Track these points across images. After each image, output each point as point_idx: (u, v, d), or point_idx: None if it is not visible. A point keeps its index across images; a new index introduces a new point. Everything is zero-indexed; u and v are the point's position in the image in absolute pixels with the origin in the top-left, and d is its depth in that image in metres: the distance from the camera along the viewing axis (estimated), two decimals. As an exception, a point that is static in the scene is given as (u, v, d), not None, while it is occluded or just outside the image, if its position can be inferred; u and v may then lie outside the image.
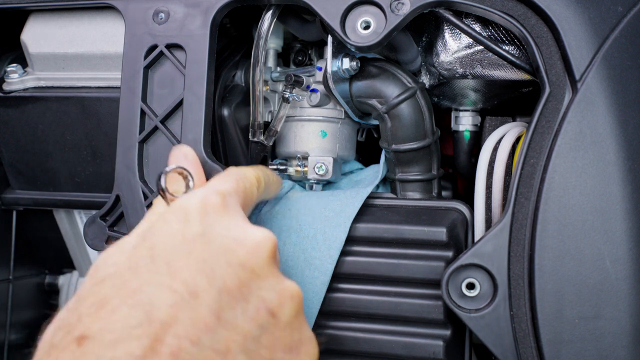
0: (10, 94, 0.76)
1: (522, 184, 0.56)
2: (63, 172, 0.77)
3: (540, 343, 0.53)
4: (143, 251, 0.40)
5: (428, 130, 0.68)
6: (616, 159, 0.53)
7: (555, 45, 0.56)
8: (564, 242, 0.53)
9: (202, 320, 0.36)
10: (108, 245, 0.65)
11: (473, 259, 0.56)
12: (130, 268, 0.39)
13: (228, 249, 0.41)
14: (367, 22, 0.60)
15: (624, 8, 0.55)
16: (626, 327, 0.52)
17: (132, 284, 0.37)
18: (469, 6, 0.58)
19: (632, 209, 0.53)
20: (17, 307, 0.90)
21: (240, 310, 0.39)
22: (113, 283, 0.38)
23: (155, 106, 0.65)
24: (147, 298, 0.36)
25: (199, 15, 0.63)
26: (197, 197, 0.45)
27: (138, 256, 0.40)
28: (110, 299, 0.37)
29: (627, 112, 0.54)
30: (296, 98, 0.71)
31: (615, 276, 0.52)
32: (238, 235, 0.43)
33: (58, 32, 0.72)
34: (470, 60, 0.65)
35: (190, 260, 0.39)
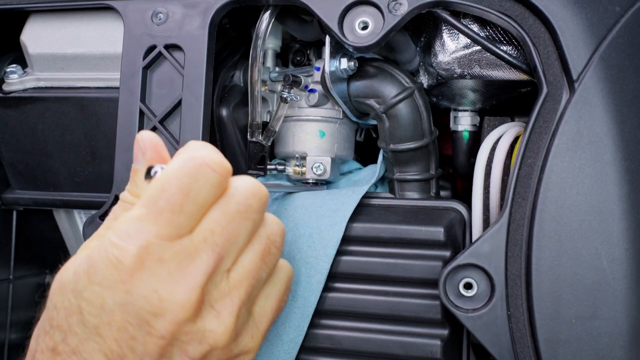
0: (9, 94, 0.76)
1: (520, 184, 0.56)
2: (63, 172, 0.78)
3: (538, 343, 0.54)
4: (74, 308, 0.42)
5: (426, 130, 0.68)
6: (613, 159, 0.53)
7: (552, 46, 0.56)
8: (561, 242, 0.54)
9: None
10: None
11: (470, 258, 0.56)
12: (67, 322, 0.42)
13: (146, 322, 0.41)
14: (365, 22, 0.60)
15: (621, 8, 0.55)
16: (623, 327, 0.52)
17: (71, 341, 0.41)
18: (466, 6, 0.58)
19: (629, 209, 0.53)
20: (17, 306, 0.90)
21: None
22: (58, 334, 0.42)
23: (154, 106, 0.65)
24: (87, 358, 0.41)
25: (198, 16, 0.64)
26: (120, 255, 0.41)
27: (71, 311, 0.42)
28: (60, 352, 0.41)
29: (625, 112, 0.54)
30: (294, 98, 0.71)
31: (613, 276, 0.53)
32: (155, 304, 0.41)
33: (57, 33, 0.72)
34: (469, 61, 0.65)
35: (113, 330, 0.41)
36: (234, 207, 0.44)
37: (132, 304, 0.41)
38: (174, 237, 0.41)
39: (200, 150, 0.43)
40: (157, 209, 0.41)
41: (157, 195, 0.41)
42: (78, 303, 0.41)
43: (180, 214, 0.41)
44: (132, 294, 0.40)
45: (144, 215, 0.41)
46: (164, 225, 0.41)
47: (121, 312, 0.41)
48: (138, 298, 0.41)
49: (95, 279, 0.41)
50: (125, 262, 0.40)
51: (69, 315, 0.42)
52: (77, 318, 0.41)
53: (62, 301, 0.42)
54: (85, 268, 0.42)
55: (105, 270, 0.41)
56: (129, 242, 0.40)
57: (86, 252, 0.44)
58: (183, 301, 0.41)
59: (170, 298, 0.41)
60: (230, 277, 0.44)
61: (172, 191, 0.41)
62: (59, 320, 0.42)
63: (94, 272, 0.41)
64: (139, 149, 0.47)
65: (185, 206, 0.41)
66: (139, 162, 0.47)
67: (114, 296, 0.41)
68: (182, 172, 0.42)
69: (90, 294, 0.41)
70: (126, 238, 0.41)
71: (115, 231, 0.41)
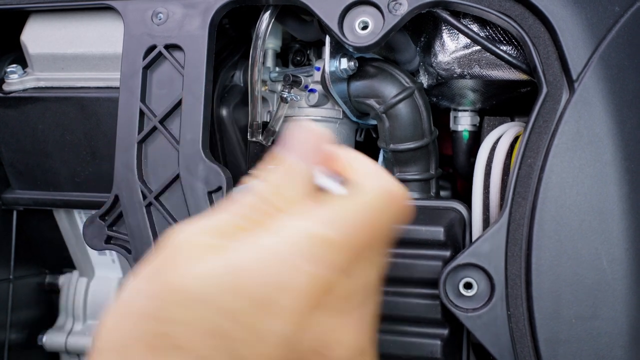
0: (10, 94, 0.76)
1: (520, 183, 0.56)
2: (63, 172, 0.78)
3: (537, 343, 0.54)
4: (215, 328, 0.32)
5: (426, 130, 0.68)
6: (613, 159, 0.53)
7: (552, 46, 0.56)
8: (561, 241, 0.54)
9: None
10: (108, 245, 0.65)
11: (470, 258, 0.56)
12: (200, 343, 0.31)
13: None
14: (365, 22, 0.60)
15: (621, 8, 0.55)
16: (623, 327, 0.52)
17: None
18: (466, 6, 0.58)
19: (629, 209, 0.53)
20: (17, 306, 0.90)
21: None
22: (178, 356, 0.32)
23: (154, 106, 0.65)
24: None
25: (198, 16, 0.64)
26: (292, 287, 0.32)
27: (209, 332, 0.32)
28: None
29: (624, 112, 0.54)
30: (294, 98, 0.71)
31: (612, 276, 0.53)
32: (326, 346, 0.34)
33: (57, 33, 0.72)
34: (468, 61, 0.65)
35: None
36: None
37: (301, 342, 0.33)
38: (350, 274, 0.35)
39: (395, 185, 0.37)
40: (353, 242, 0.34)
41: (358, 226, 0.34)
42: (223, 324, 0.31)
43: (363, 250, 0.35)
44: (305, 330, 0.33)
45: (336, 242, 0.33)
46: (350, 260, 0.34)
47: (285, 347, 0.32)
48: (310, 337, 0.33)
49: (257, 300, 0.32)
50: (298, 290, 0.32)
51: (205, 336, 0.31)
52: (218, 343, 0.32)
53: (194, 317, 0.32)
54: (239, 283, 0.32)
55: (275, 294, 0.32)
56: (320, 267, 0.33)
57: (231, 261, 0.33)
58: (354, 347, 0.34)
59: (345, 342, 0.34)
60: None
61: (372, 229, 0.35)
62: (180, 338, 0.31)
63: (257, 290, 0.32)
64: (312, 143, 0.37)
65: (373, 243, 0.35)
66: (303, 157, 0.37)
67: (283, 328, 0.32)
68: (385, 209, 0.36)
69: (246, 317, 0.31)
70: (315, 262, 0.33)
71: (300, 249, 0.33)
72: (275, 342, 0.32)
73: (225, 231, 0.34)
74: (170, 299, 0.32)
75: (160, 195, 0.64)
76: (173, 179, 0.64)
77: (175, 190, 0.64)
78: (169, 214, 0.64)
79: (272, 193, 0.36)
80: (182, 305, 0.31)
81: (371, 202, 0.35)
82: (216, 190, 0.62)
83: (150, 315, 0.32)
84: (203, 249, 0.33)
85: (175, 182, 0.64)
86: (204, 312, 0.31)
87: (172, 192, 0.64)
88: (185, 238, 0.34)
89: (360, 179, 0.35)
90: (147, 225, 0.64)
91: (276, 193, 0.36)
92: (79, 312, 0.94)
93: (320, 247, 0.33)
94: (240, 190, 0.35)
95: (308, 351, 0.33)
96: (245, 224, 0.35)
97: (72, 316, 0.94)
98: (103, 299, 0.93)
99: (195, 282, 0.32)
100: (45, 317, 0.96)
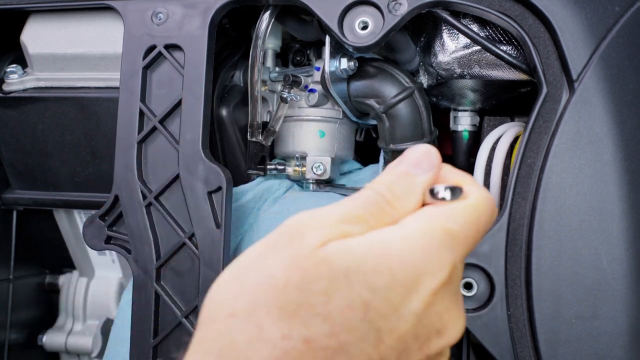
0: (10, 94, 0.76)
1: (520, 183, 0.56)
2: (62, 172, 0.78)
3: (538, 343, 0.54)
4: (358, 301, 0.35)
5: (426, 130, 0.68)
6: (613, 159, 0.53)
7: (552, 46, 0.56)
8: (561, 242, 0.54)
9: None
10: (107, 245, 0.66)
11: (470, 258, 0.56)
12: (342, 315, 0.34)
13: (426, 340, 0.37)
14: (364, 22, 0.60)
15: (621, 8, 0.55)
16: (623, 326, 0.52)
17: (343, 337, 0.34)
18: (466, 6, 0.58)
19: (629, 208, 0.53)
20: (17, 306, 0.90)
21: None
22: (320, 323, 0.34)
23: (154, 106, 0.65)
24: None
25: (198, 16, 0.64)
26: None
27: (353, 305, 0.35)
28: (322, 346, 0.34)
29: (624, 112, 0.54)
30: (294, 98, 0.71)
31: (612, 276, 0.53)
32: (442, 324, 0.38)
33: (57, 33, 0.72)
34: (468, 61, 0.65)
35: (392, 338, 0.36)
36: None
37: (428, 320, 0.37)
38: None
39: (489, 193, 0.42)
40: (471, 237, 0.39)
41: (474, 224, 0.40)
42: (366, 297, 0.34)
43: (474, 244, 0.40)
44: (432, 310, 0.37)
45: (462, 236, 0.38)
46: (468, 252, 0.39)
47: (416, 324, 0.36)
48: (434, 317, 0.37)
49: (400, 278, 0.35)
50: (440, 274, 0.37)
51: (346, 307, 0.34)
52: (358, 314, 0.34)
53: (338, 289, 0.34)
54: (383, 262, 0.36)
55: (417, 275, 0.36)
56: (454, 256, 0.37)
57: (374, 242, 0.36)
58: (461, 327, 0.38)
59: (456, 323, 0.38)
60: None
61: (482, 226, 0.40)
62: (322, 308, 0.34)
63: (401, 270, 0.36)
64: (429, 158, 0.42)
65: (479, 239, 0.41)
66: (422, 169, 0.41)
67: (418, 307, 0.36)
68: (489, 212, 0.41)
69: (387, 293, 0.35)
70: (451, 252, 0.37)
71: (439, 240, 0.37)
72: (409, 319, 0.36)
73: (348, 219, 0.38)
74: (315, 271, 0.34)
75: (160, 195, 0.64)
76: (173, 179, 0.64)
77: (175, 190, 0.64)
78: (168, 214, 0.64)
79: (389, 193, 0.40)
80: (326, 278, 0.34)
81: (480, 206, 0.40)
82: (216, 190, 0.62)
83: (292, 285, 0.34)
84: (335, 230, 0.37)
85: (175, 182, 0.64)
86: (348, 285, 0.34)
87: (172, 192, 0.64)
88: (313, 218, 0.37)
89: (467, 188, 0.41)
90: (147, 225, 0.64)
91: (392, 195, 0.40)
92: (79, 312, 0.94)
93: (453, 239, 0.38)
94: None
95: (432, 329, 0.37)
96: (365, 215, 0.38)
97: (72, 316, 0.94)
98: (103, 299, 0.93)
99: (340, 257, 0.35)
100: (45, 317, 0.96)
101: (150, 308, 0.64)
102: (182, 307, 0.63)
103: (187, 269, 0.63)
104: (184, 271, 0.64)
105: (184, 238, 0.63)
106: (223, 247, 0.62)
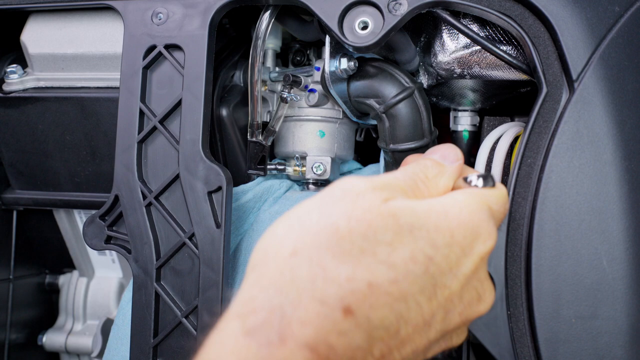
0: (10, 94, 0.76)
1: (520, 183, 0.56)
2: (63, 172, 0.78)
3: (537, 343, 0.54)
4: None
5: (426, 130, 0.68)
6: (613, 158, 0.53)
7: (552, 46, 0.56)
8: (561, 241, 0.54)
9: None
10: (107, 245, 0.66)
11: (470, 258, 0.56)
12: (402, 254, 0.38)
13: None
14: (364, 22, 0.60)
15: (621, 8, 0.55)
16: (623, 326, 0.52)
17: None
18: (466, 6, 0.58)
19: (629, 208, 0.53)
20: (17, 306, 0.90)
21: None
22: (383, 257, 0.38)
23: (154, 106, 0.65)
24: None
25: (198, 16, 0.64)
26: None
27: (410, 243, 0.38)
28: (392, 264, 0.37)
29: (624, 112, 0.54)
30: (294, 98, 0.71)
31: (612, 276, 0.53)
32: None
33: (57, 33, 0.73)
34: (468, 61, 0.65)
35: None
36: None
37: (473, 283, 0.41)
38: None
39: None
40: (499, 218, 0.45)
41: (503, 208, 0.45)
42: (429, 252, 0.38)
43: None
44: (477, 275, 0.41)
45: (496, 213, 0.44)
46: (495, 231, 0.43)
47: (465, 284, 0.40)
48: (476, 282, 0.41)
49: (458, 239, 0.39)
50: (489, 242, 0.41)
51: (409, 258, 0.37)
52: (418, 267, 0.37)
53: (402, 242, 0.37)
54: (444, 223, 0.39)
55: (473, 239, 0.40)
56: (496, 228, 0.42)
57: (434, 205, 0.40)
58: (493, 297, 0.43)
59: (490, 292, 0.43)
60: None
61: (503, 215, 0.46)
62: (386, 256, 0.36)
63: (459, 232, 0.39)
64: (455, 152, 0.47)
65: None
66: (450, 160, 0.46)
67: (470, 267, 0.39)
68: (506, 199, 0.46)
69: (447, 250, 0.38)
70: (494, 223, 0.43)
71: (486, 212, 0.42)
72: (461, 279, 0.38)
73: (393, 187, 0.40)
74: (382, 222, 0.37)
75: (160, 195, 0.65)
76: (173, 179, 0.64)
77: (175, 190, 0.64)
78: (168, 213, 0.64)
79: (423, 173, 0.44)
80: (392, 230, 0.37)
81: (506, 196, 0.46)
82: (216, 190, 0.62)
83: (357, 233, 0.36)
84: (386, 193, 0.39)
85: (175, 182, 0.64)
86: (413, 239, 0.37)
87: (172, 192, 0.64)
88: (363, 181, 0.39)
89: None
90: (147, 225, 0.64)
91: (426, 175, 0.44)
92: (79, 312, 0.94)
93: (493, 214, 0.42)
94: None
95: (474, 294, 0.40)
96: (405, 187, 0.42)
97: (72, 316, 0.94)
98: (103, 299, 0.93)
99: (405, 213, 0.38)
100: (45, 317, 0.96)
101: (150, 308, 0.64)
102: (182, 307, 0.63)
103: (187, 269, 0.63)
104: (184, 271, 0.64)
105: (184, 238, 0.63)
106: (223, 247, 0.62)
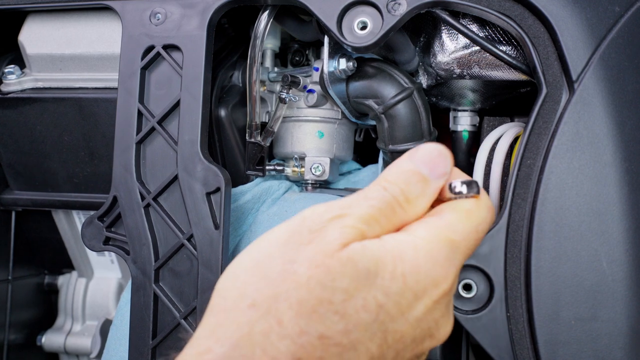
0: (8, 95, 0.76)
1: (519, 184, 0.56)
2: (61, 173, 0.77)
3: (537, 344, 0.53)
4: (371, 301, 0.37)
5: (425, 130, 0.68)
6: (613, 160, 0.53)
7: (552, 46, 0.56)
8: (561, 243, 0.53)
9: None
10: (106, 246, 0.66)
11: (470, 260, 0.56)
12: (354, 309, 0.36)
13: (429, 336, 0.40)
14: (363, 22, 0.59)
15: (621, 8, 0.55)
16: (622, 328, 0.52)
17: (350, 328, 0.36)
18: (466, 6, 0.58)
19: (628, 210, 0.53)
20: (16, 307, 0.90)
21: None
22: (337, 320, 0.36)
23: (152, 107, 0.65)
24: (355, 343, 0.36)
25: (196, 16, 0.63)
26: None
27: (364, 304, 0.37)
28: (334, 340, 0.36)
29: (624, 113, 0.54)
30: (293, 98, 0.71)
31: (612, 277, 0.52)
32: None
33: (55, 33, 0.72)
34: (468, 61, 0.65)
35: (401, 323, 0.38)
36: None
37: (426, 323, 0.39)
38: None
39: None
40: (468, 245, 0.41)
41: (473, 231, 0.42)
42: (381, 299, 0.36)
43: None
44: (431, 315, 0.39)
45: (463, 248, 0.41)
46: (464, 261, 0.41)
47: (417, 327, 0.38)
48: (430, 321, 0.40)
49: (411, 286, 0.38)
50: (443, 286, 0.39)
51: (362, 307, 0.36)
52: (371, 315, 0.36)
53: (358, 289, 0.36)
54: (399, 269, 0.38)
55: (426, 285, 0.38)
56: (456, 268, 0.40)
57: (392, 249, 0.38)
58: (449, 330, 0.41)
59: (446, 326, 0.41)
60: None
61: (481, 233, 0.42)
62: (341, 305, 0.35)
63: (413, 278, 0.38)
64: (445, 163, 0.43)
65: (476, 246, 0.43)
66: (437, 174, 0.42)
67: (421, 311, 0.38)
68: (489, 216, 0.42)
69: (399, 298, 0.37)
70: (455, 265, 0.40)
71: (446, 253, 0.40)
72: (412, 323, 0.38)
73: (365, 220, 0.39)
74: (340, 270, 0.36)
75: (158, 196, 0.64)
76: (171, 180, 0.64)
77: (173, 191, 0.64)
78: (167, 215, 0.64)
79: (403, 196, 0.41)
80: (349, 277, 0.36)
81: (479, 214, 0.42)
82: (214, 191, 0.62)
83: (315, 281, 0.35)
84: (354, 230, 0.38)
85: (174, 183, 0.64)
86: (367, 286, 0.36)
87: (171, 193, 0.64)
88: (332, 214, 0.38)
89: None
90: (145, 226, 0.64)
91: (405, 198, 0.41)
92: (78, 312, 0.94)
93: (456, 250, 0.40)
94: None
95: (427, 332, 0.39)
96: (379, 217, 0.40)
97: (71, 317, 0.94)
98: (102, 300, 0.93)
99: (363, 258, 0.37)
100: (44, 317, 0.96)
101: (148, 309, 0.64)
102: (181, 308, 0.63)
103: (185, 270, 0.63)
104: (182, 272, 0.63)
105: (183, 239, 0.63)
106: (222, 248, 0.61)
